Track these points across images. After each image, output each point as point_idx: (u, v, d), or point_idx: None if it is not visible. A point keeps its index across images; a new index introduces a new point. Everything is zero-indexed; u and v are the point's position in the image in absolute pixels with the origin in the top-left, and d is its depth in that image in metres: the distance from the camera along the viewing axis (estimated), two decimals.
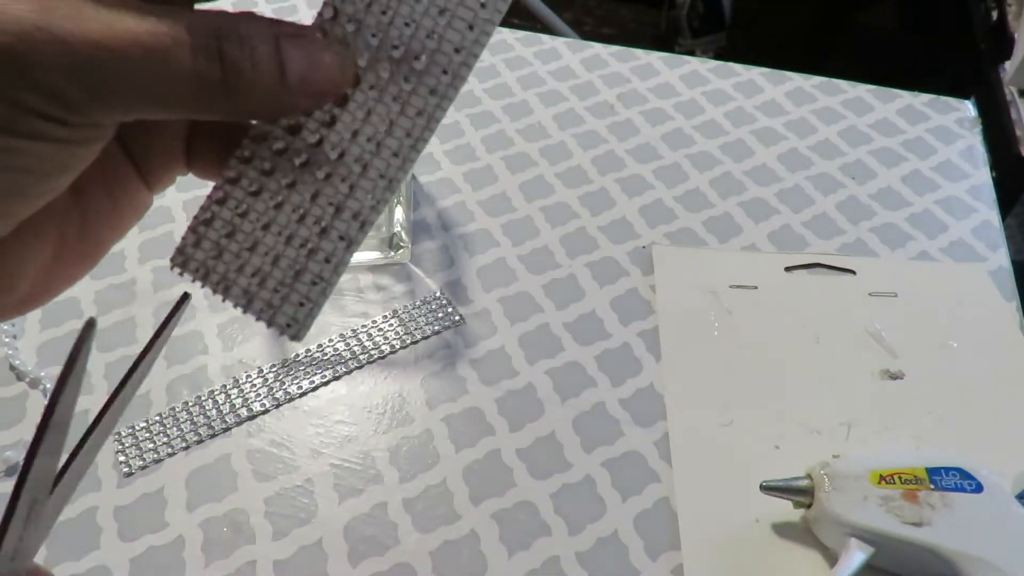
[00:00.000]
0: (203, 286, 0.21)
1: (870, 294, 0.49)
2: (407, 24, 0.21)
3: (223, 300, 0.22)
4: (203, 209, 0.21)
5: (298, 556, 0.37)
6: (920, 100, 0.64)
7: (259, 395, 0.43)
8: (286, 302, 0.21)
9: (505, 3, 0.21)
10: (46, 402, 0.20)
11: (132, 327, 0.46)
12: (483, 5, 0.21)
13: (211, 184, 0.22)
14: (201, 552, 0.37)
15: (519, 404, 0.43)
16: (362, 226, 0.21)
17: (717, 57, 1.14)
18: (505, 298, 0.48)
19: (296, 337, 0.22)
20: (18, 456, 0.40)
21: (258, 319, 0.21)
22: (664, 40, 1.87)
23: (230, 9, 0.20)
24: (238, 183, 0.21)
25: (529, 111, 0.61)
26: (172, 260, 0.22)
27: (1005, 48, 0.98)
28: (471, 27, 0.21)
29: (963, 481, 0.35)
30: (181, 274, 0.22)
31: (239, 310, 0.21)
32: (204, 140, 0.23)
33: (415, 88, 0.21)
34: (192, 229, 0.21)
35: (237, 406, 0.42)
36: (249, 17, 0.19)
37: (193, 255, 0.21)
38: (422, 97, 0.21)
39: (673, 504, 0.39)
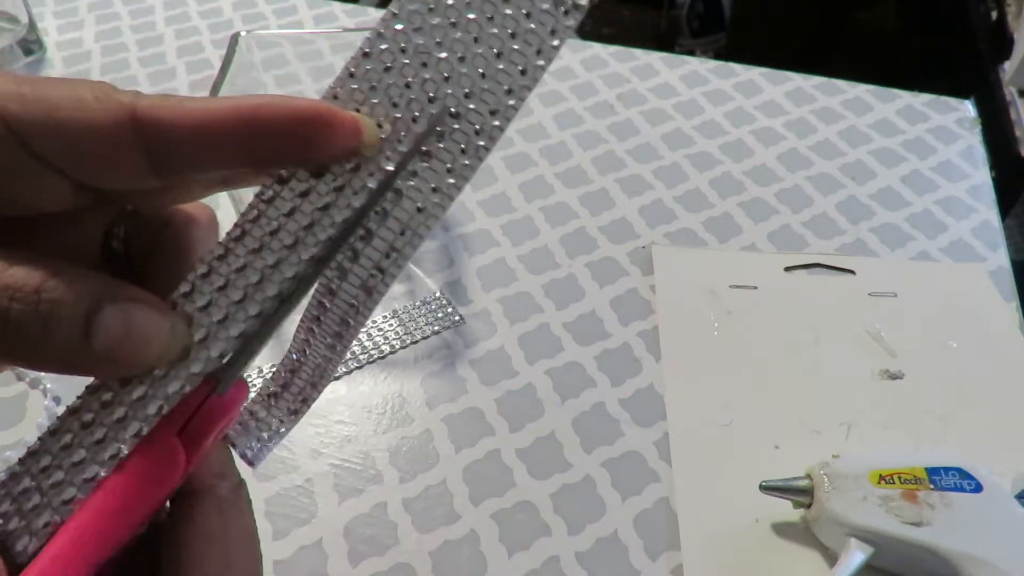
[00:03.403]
0: None
1: (870, 294, 0.49)
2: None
3: None
4: None
5: (298, 556, 0.37)
6: (920, 100, 0.64)
7: None
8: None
9: (368, 311, 0.20)
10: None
11: None
12: (356, 304, 0.20)
13: None
14: None
15: (519, 404, 0.43)
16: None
17: (717, 57, 1.14)
18: (505, 298, 0.48)
19: (252, 464, 0.22)
20: (18, 456, 0.40)
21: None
22: (664, 40, 1.87)
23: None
24: None
25: (529, 111, 0.61)
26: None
27: (1005, 48, 0.98)
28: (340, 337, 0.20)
29: (963, 481, 0.35)
30: None
31: None
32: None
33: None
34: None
35: None
36: (78, 277, 0.17)
37: None
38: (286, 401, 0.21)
39: (673, 504, 0.39)
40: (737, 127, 0.61)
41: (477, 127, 0.19)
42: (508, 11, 0.19)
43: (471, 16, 0.19)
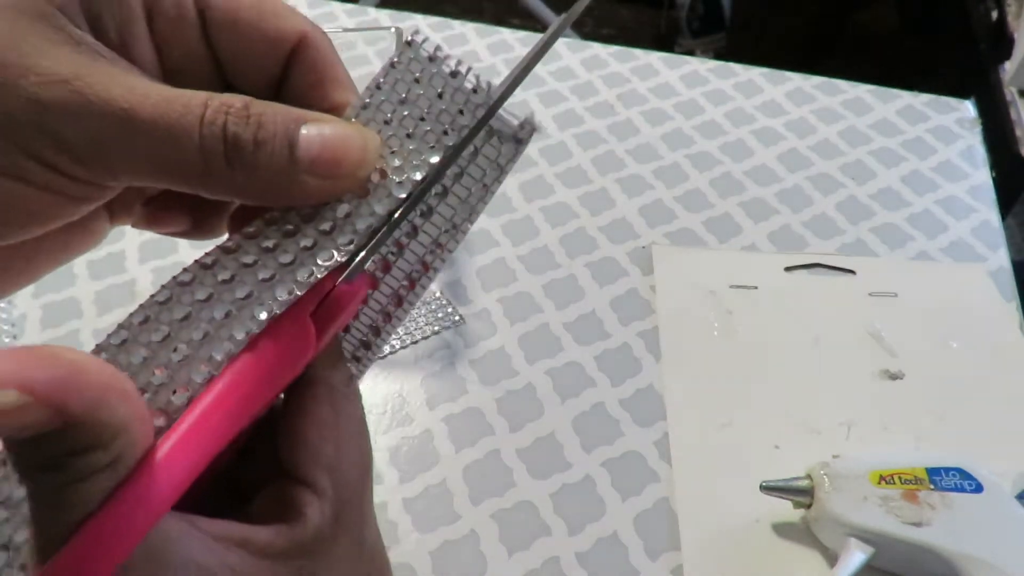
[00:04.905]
0: None
1: (870, 294, 0.49)
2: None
3: None
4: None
5: None
6: (920, 100, 0.64)
7: None
8: None
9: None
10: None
11: None
12: None
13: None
14: None
15: (519, 404, 0.43)
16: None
17: (717, 57, 1.14)
18: (505, 298, 0.48)
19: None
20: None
21: None
22: (664, 40, 1.87)
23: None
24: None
25: (529, 111, 0.61)
26: None
27: (1005, 48, 0.98)
28: None
29: (963, 481, 0.35)
30: None
31: None
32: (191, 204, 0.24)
33: None
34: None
35: None
36: (271, 102, 0.19)
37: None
38: None
39: (673, 504, 0.39)
40: (737, 127, 0.61)
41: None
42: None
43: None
